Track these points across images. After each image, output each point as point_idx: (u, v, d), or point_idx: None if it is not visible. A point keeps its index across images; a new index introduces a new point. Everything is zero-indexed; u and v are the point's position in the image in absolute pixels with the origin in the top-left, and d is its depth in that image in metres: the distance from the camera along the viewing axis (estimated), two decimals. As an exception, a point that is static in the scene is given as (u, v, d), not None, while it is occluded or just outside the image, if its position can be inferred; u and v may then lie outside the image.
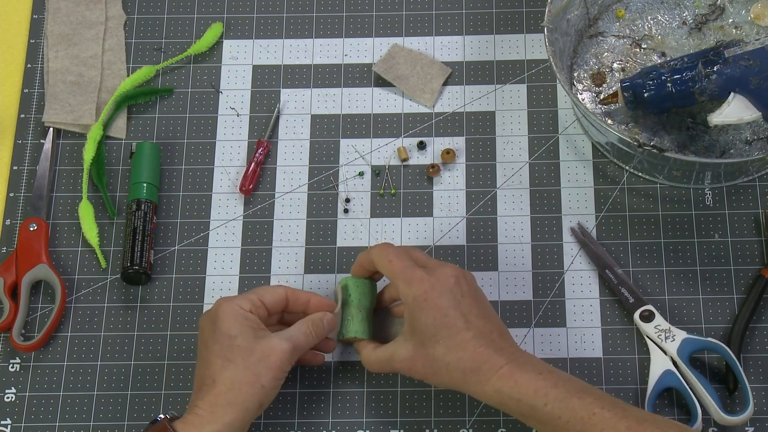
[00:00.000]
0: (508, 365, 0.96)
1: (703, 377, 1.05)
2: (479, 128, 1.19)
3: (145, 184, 1.15)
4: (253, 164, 1.17)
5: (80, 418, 1.09)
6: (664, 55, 1.18)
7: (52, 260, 1.14)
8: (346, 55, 1.23)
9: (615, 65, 1.19)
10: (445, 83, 1.21)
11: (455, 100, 1.21)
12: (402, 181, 1.17)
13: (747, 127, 1.14)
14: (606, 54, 1.19)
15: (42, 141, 1.20)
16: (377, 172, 1.18)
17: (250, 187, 1.17)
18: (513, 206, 1.15)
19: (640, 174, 1.15)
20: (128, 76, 1.22)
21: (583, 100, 1.18)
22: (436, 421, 1.07)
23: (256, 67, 1.23)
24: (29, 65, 1.24)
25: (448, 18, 1.24)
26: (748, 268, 1.12)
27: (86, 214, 1.16)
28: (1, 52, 1.25)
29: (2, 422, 1.09)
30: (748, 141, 1.14)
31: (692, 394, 1.04)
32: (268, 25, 1.25)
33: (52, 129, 1.20)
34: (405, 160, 1.18)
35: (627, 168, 1.16)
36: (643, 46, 1.19)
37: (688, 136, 1.14)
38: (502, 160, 1.18)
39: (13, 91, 1.23)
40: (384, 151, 1.19)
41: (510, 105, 1.20)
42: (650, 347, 1.07)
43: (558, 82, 1.17)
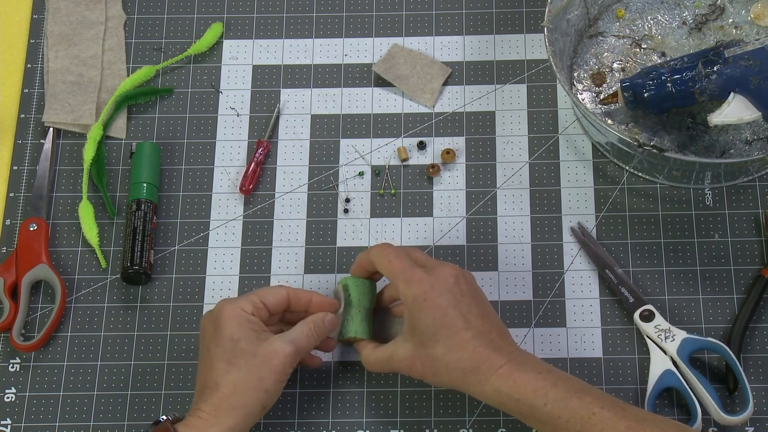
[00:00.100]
0: (508, 365, 0.96)
1: (703, 377, 1.05)
2: (479, 128, 1.19)
3: (145, 184, 1.15)
4: (253, 164, 1.17)
5: (80, 418, 1.09)
6: (664, 55, 1.18)
7: (52, 260, 1.14)
8: (346, 55, 1.23)
9: (615, 65, 1.19)
10: (445, 83, 1.21)
11: (455, 100, 1.21)
12: (402, 181, 1.17)
13: (747, 127, 1.14)
14: (606, 54, 1.19)
15: (42, 141, 1.20)
16: (377, 172, 1.18)
17: (250, 187, 1.17)
18: (513, 206, 1.15)
19: (640, 174, 1.15)
20: (128, 76, 1.22)
21: (583, 100, 1.18)
22: (436, 421, 1.07)
23: (256, 67, 1.23)
24: (29, 65, 1.24)
25: (448, 18, 1.24)
26: (748, 268, 1.12)
27: (86, 214, 1.16)
28: (1, 52, 1.25)
29: (2, 422, 1.08)
30: (748, 141, 1.14)
31: (692, 394, 1.04)
32: (268, 25, 1.25)
33: (52, 129, 1.20)
34: (405, 160, 1.18)
35: (627, 168, 1.16)
36: (643, 46, 1.19)
37: (688, 136, 1.14)
38: (502, 160, 1.18)
39: (13, 91, 1.23)
40: (384, 151, 1.19)
41: (510, 105, 1.20)
42: (650, 347, 1.07)
43: (558, 82, 1.17)
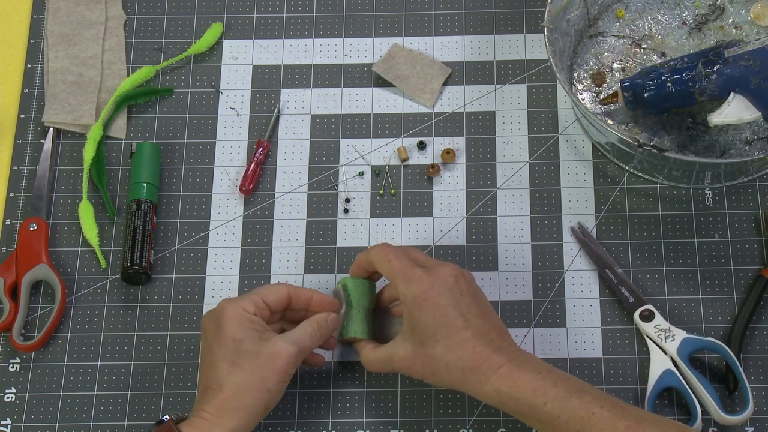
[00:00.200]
0: (507, 364, 0.96)
1: (703, 377, 1.05)
2: (479, 128, 1.19)
3: (145, 184, 1.15)
4: (253, 164, 1.17)
5: (80, 418, 1.09)
6: (664, 55, 1.18)
7: (52, 260, 1.14)
8: (346, 55, 1.23)
9: (615, 65, 1.19)
10: (445, 83, 1.21)
11: (455, 100, 1.21)
12: (402, 181, 1.17)
13: (747, 127, 1.14)
14: (606, 54, 1.19)
15: (42, 141, 1.20)
16: (377, 172, 1.18)
17: (250, 187, 1.17)
18: (513, 206, 1.15)
19: (640, 174, 1.15)
20: (128, 76, 1.22)
21: (583, 100, 1.17)
22: (436, 421, 1.07)
23: (256, 67, 1.23)
24: (29, 65, 1.24)
25: (448, 18, 1.24)
26: (748, 268, 1.12)
27: (86, 214, 1.16)
28: (1, 52, 1.25)
29: (2, 422, 1.08)
30: (748, 141, 1.14)
31: (692, 394, 1.04)
32: (268, 25, 1.25)
33: (52, 129, 1.20)
34: (405, 160, 1.18)
35: (627, 168, 1.16)
36: (643, 46, 1.19)
37: (688, 136, 1.14)
38: (502, 160, 1.18)
39: (13, 91, 1.23)
40: (384, 151, 1.19)
41: (510, 105, 1.20)
42: (650, 347, 1.07)
43: (558, 82, 1.17)
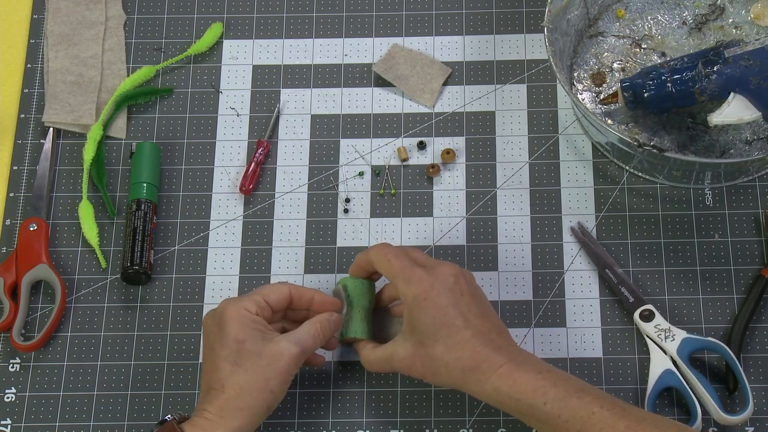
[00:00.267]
0: (507, 364, 0.96)
1: (703, 377, 1.05)
2: (479, 128, 1.19)
3: (145, 184, 1.15)
4: (253, 164, 1.17)
5: (80, 418, 1.09)
6: (664, 55, 1.18)
7: (52, 260, 1.14)
8: (346, 55, 1.23)
9: (615, 65, 1.19)
10: (445, 83, 1.21)
11: (455, 100, 1.21)
12: (402, 181, 1.17)
13: (747, 127, 1.14)
14: (606, 54, 1.19)
15: (42, 141, 1.20)
16: (377, 172, 1.18)
17: (250, 187, 1.17)
18: (513, 206, 1.15)
19: (640, 174, 1.15)
20: (128, 76, 1.22)
21: (583, 100, 1.17)
22: (436, 421, 1.07)
23: (256, 67, 1.23)
24: (29, 65, 1.24)
25: (448, 18, 1.24)
26: (748, 268, 1.12)
27: (86, 214, 1.16)
28: (1, 52, 1.25)
29: (2, 422, 1.08)
30: (748, 141, 1.14)
31: (692, 394, 1.04)
32: (268, 25, 1.25)
33: (52, 129, 1.20)
34: (405, 160, 1.18)
35: (627, 168, 1.16)
36: (643, 46, 1.19)
37: (688, 136, 1.14)
38: (502, 160, 1.18)
39: (13, 91, 1.23)
40: (384, 151, 1.19)
41: (510, 105, 1.20)
42: (650, 347, 1.07)
43: (558, 82, 1.17)
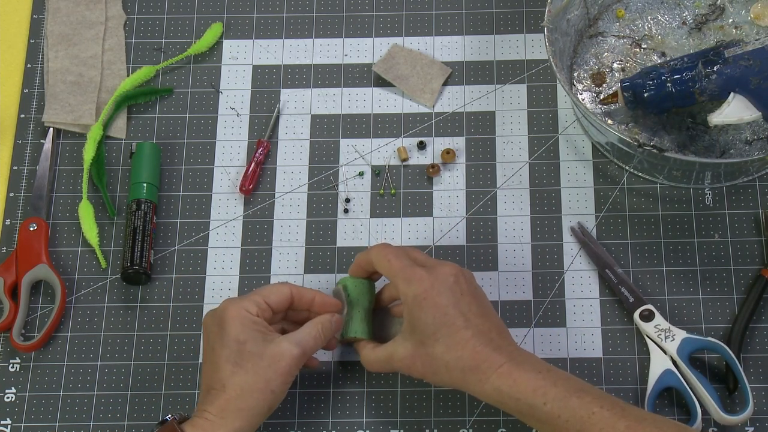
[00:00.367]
0: (507, 364, 0.96)
1: (703, 377, 1.05)
2: (479, 128, 1.19)
3: (145, 184, 1.15)
4: (253, 164, 1.17)
5: (80, 418, 1.09)
6: (664, 55, 1.18)
7: (52, 260, 1.14)
8: (346, 55, 1.23)
9: (615, 65, 1.19)
10: (445, 83, 1.21)
11: (455, 100, 1.21)
12: (402, 181, 1.17)
13: (747, 127, 1.14)
14: (606, 54, 1.19)
15: (42, 141, 1.20)
16: (377, 172, 1.18)
17: (250, 187, 1.17)
18: (513, 206, 1.15)
19: (640, 174, 1.15)
20: (128, 76, 1.22)
21: (583, 100, 1.17)
22: (436, 421, 1.07)
23: (256, 67, 1.23)
24: (29, 65, 1.24)
25: (448, 18, 1.24)
26: (748, 268, 1.12)
27: (86, 214, 1.16)
28: (1, 52, 1.25)
29: (2, 422, 1.08)
30: (748, 141, 1.14)
31: (692, 394, 1.04)
32: (268, 25, 1.25)
33: (52, 129, 1.20)
34: (405, 160, 1.18)
35: (627, 168, 1.16)
36: (643, 46, 1.19)
37: (688, 136, 1.14)
38: (502, 160, 1.18)
39: (13, 91, 1.23)
40: (384, 151, 1.19)
41: (510, 105, 1.20)
42: (650, 347, 1.07)
43: (558, 82, 1.17)
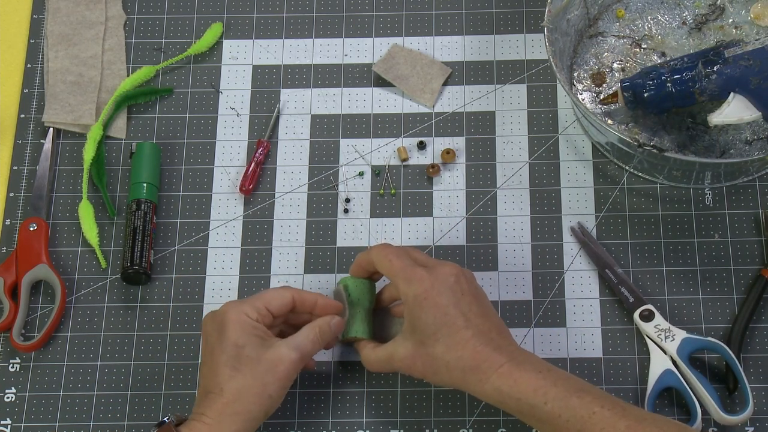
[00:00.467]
0: (508, 364, 0.96)
1: (703, 377, 1.05)
2: (479, 128, 1.19)
3: (145, 184, 1.15)
4: (253, 164, 1.17)
5: (80, 418, 1.09)
6: (664, 55, 1.18)
7: (52, 260, 1.14)
8: (346, 55, 1.23)
9: (615, 65, 1.19)
10: (445, 83, 1.21)
11: (455, 100, 1.21)
12: (402, 181, 1.17)
13: (747, 127, 1.14)
14: (606, 54, 1.19)
15: (42, 141, 1.20)
16: (377, 172, 1.18)
17: (250, 187, 1.17)
18: (513, 206, 1.15)
19: (640, 174, 1.15)
20: (128, 76, 1.22)
21: (583, 100, 1.18)
22: (436, 421, 1.07)
23: (256, 67, 1.23)
24: (29, 65, 1.24)
25: (448, 18, 1.24)
26: (748, 268, 1.12)
27: (86, 214, 1.16)
28: (1, 52, 1.25)
29: (2, 422, 1.08)
30: (748, 141, 1.14)
31: (692, 394, 1.04)
32: (268, 25, 1.25)
33: (52, 129, 1.20)
34: (405, 160, 1.18)
35: (627, 168, 1.16)
36: (643, 46, 1.19)
37: (688, 136, 1.14)
38: (502, 160, 1.18)
39: (13, 91, 1.23)
40: (384, 151, 1.19)
41: (510, 105, 1.20)
42: (650, 347, 1.07)
43: (558, 82, 1.17)
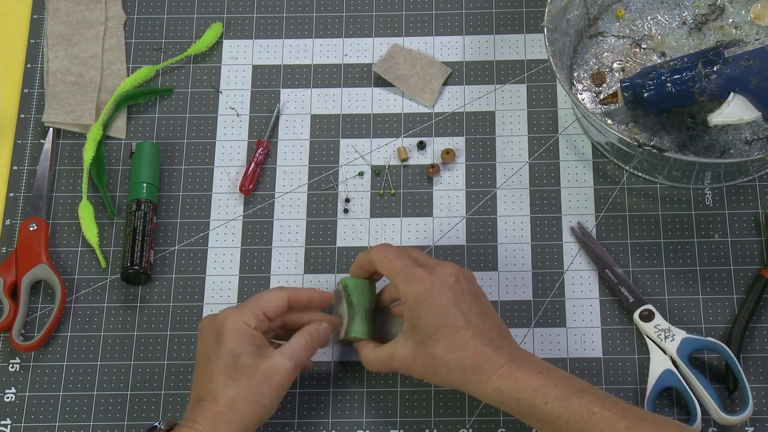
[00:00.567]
0: (508, 364, 0.96)
1: (703, 377, 1.05)
2: (479, 128, 1.19)
3: (145, 184, 1.15)
4: (253, 164, 1.17)
5: (80, 418, 1.09)
6: (664, 55, 1.18)
7: (52, 260, 1.14)
8: (346, 55, 1.23)
9: (615, 65, 1.19)
10: (445, 83, 1.21)
11: (455, 100, 1.21)
12: (402, 181, 1.17)
13: (747, 127, 1.14)
14: (606, 54, 1.19)
15: (42, 141, 1.20)
16: (377, 172, 1.18)
17: (250, 187, 1.17)
18: (513, 206, 1.15)
19: (640, 174, 1.15)
20: (128, 76, 1.22)
21: (583, 100, 1.18)
22: (436, 421, 1.07)
23: (256, 67, 1.23)
24: (29, 65, 1.24)
25: (448, 18, 1.24)
26: (748, 268, 1.12)
27: (86, 214, 1.16)
28: (1, 52, 1.25)
29: (2, 422, 1.08)
30: (748, 141, 1.14)
31: (692, 394, 1.04)
32: (268, 25, 1.25)
33: (52, 129, 1.20)
34: (405, 160, 1.18)
35: (627, 168, 1.16)
36: (643, 46, 1.19)
37: (688, 136, 1.14)
38: (502, 160, 1.18)
39: (13, 91, 1.23)
40: (384, 151, 1.19)
41: (510, 105, 1.20)
42: (650, 347, 1.07)
43: (558, 82, 1.17)
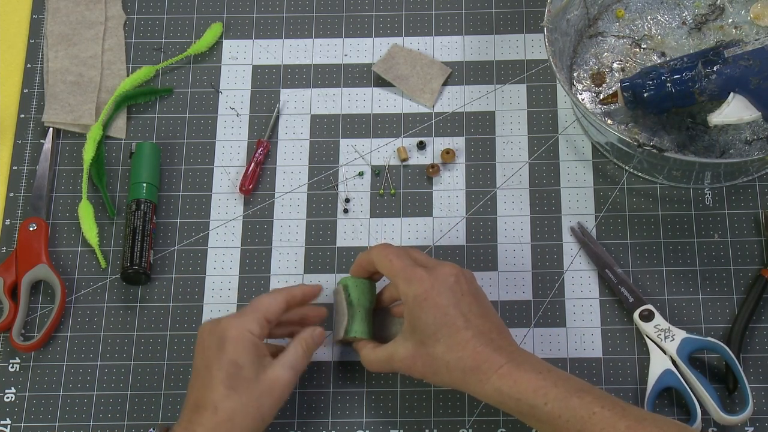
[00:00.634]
0: (508, 364, 0.96)
1: (703, 377, 1.05)
2: (479, 128, 1.19)
3: (144, 184, 1.15)
4: (252, 164, 1.17)
5: (80, 418, 1.09)
6: (664, 55, 1.18)
7: (52, 260, 1.14)
8: (346, 55, 1.23)
9: (615, 65, 1.19)
10: (445, 83, 1.21)
11: (455, 100, 1.21)
12: (402, 181, 1.17)
13: (747, 127, 1.14)
14: (606, 54, 1.19)
15: (42, 141, 1.20)
16: (377, 172, 1.18)
17: (250, 187, 1.17)
18: (513, 206, 1.15)
19: (640, 174, 1.15)
20: (128, 76, 1.22)
21: (582, 100, 1.18)
22: (436, 421, 1.07)
23: (256, 67, 1.23)
24: (29, 65, 1.24)
25: (448, 18, 1.24)
26: (748, 268, 1.12)
27: (86, 214, 1.16)
28: (1, 52, 1.25)
29: (2, 422, 1.08)
30: (748, 141, 1.14)
31: (692, 394, 1.04)
32: (268, 25, 1.25)
33: (52, 129, 1.20)
34: (405, 160, 1.18)
35: (627, 168, 1.16)
36: (643, 46, 1.19)
37: (688, 136, 1.14)
38: (502, 160, 1.18)
39: (13, 91, 1.23)
40: (384, 151, 1.19)
41: (510, 105, 1.20)
42: (650, 347, 1.07)
43: (558, 82, 1.17)
